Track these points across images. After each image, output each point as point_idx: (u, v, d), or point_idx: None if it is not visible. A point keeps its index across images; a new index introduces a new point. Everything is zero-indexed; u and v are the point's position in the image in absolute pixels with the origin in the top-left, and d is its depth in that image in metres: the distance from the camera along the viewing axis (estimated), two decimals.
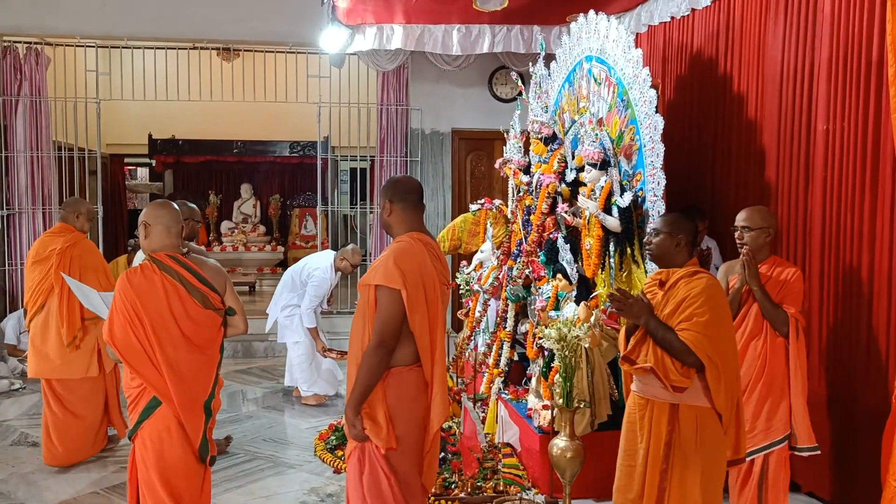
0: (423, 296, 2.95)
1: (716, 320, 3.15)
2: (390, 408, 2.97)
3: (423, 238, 3.09)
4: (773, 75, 4.73)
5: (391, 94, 8.91)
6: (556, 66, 5.82)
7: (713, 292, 3.20)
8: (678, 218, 3.41)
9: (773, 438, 3.77)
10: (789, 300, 3.77)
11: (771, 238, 3.87)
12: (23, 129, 8.42)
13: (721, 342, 3.16)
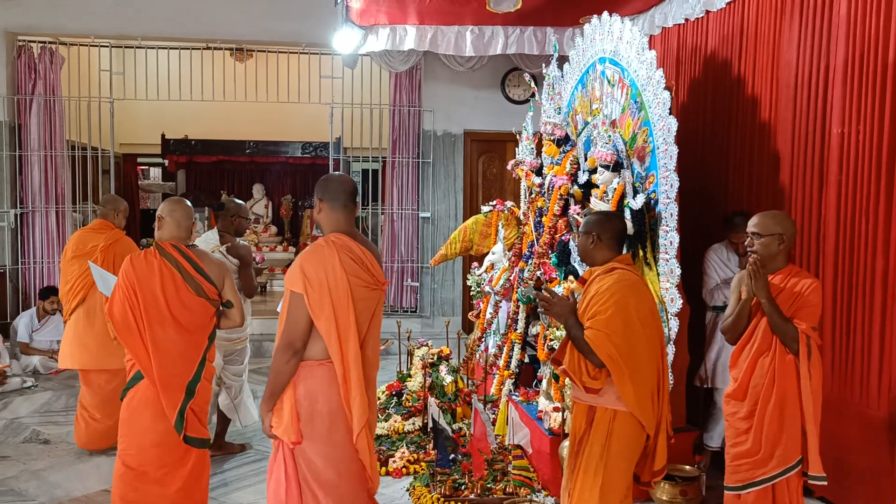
0: (329, 299, 2.93)
1: (621, 317, 3.05)
2: (298, 401, 2.98)
3: (341, 239, 3.05)
4: (787, 78, 4.70)
5: (403, 96, 8.92)
6: (569, 68, 5.81)
7: (622, 288, 3.10)
8: (597, 216, 3.36)
9: (787, 465, 3.44)
10: (802, 314, 3.43)
11: (786, 245, 3.51)
12: (37, 128, 8.48)
13: (628, 340, 3.05)
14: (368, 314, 3.05)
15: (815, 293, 3.44)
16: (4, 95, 8.32)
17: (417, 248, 9.07)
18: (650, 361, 3.14)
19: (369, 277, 3.05)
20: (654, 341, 3.19)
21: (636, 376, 3.07)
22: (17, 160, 8.44)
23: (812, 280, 3.47)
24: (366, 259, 3.05)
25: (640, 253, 4.55)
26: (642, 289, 3.24)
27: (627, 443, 3.17)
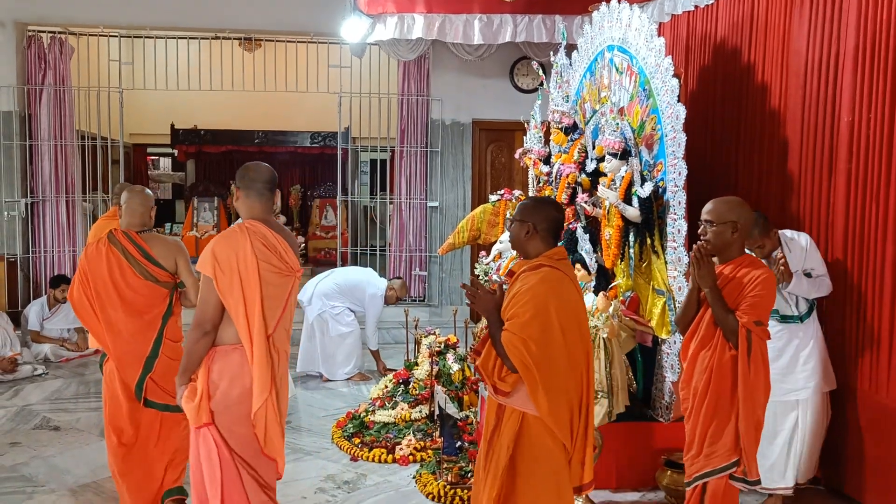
0: (238, 282, 3.00)
1: (540, 321, 2.80)
2: (211, 383, 3.05)
3: (255, 225, 3.12)
4: (797, 65, 4.67)
5: (412, 85, 8.90)
6: (577, 56, 5.78)
7: (545, 289, 2.83)
8: (532, 204, 3.07)
9: (715, 466, 3.23)
10: (745, 307, 3.19)
11: (740, 234, 3.29)
12: (47, 117, 8.51)
13: (545, 348, 2.79)
14: (281, 300, 3.12)
15: (762, 285, 3.20)
16: (15, 85, 8.35)
17: (426, 237, 9.07)
18: (568, 371, 2.86)
19: (281, 264, 3.11)
20: (577, 349, 2.89)
21: (551, 385, 2.80)
22: (27, 150, 8.48)
23: (762, 271, 3.24)
24: (279, 246, 3.11)
25: (647, 241, 4.54)
26: (567, 290, 2.91)
27: (542, 449, 2.89)
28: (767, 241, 4.21)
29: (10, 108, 8.36)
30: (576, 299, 2.94)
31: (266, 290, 3.04)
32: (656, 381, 4.57)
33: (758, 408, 3.26)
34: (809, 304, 4.21)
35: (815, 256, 4.20)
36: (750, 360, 3.20)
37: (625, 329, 4.33)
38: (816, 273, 4.17)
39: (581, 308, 2.96)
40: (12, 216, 8.36)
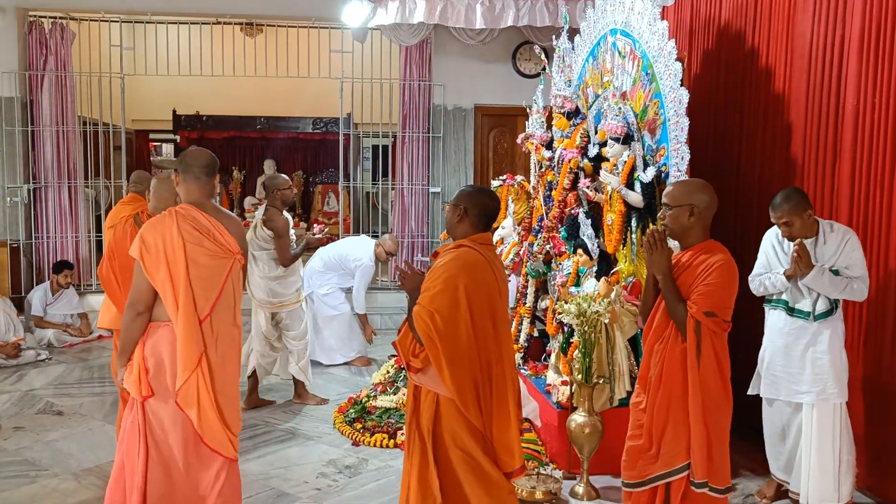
0: (165, 263, 3.12)
1: (448, 296, 2.83)
2: (146, 358, 3.15)
3: (186, 209, 3.23)
4: (801, 49, 4.63)
5: (413, 70, 8.86)
6: (580, 40, 5.75)
7: (458, 266, 2.88)
8: (468, 190, 3.13)
9: (673, 466, 3.07)
10: (696, 296, 3.00)
11: (698, 218, 3.08)
12: (48, 103, 8.49)
13: (451, 322, 2.82)
14: (215, 281, 3.20)
15: (717, 272, 2.99)
16: (16, 71, 8.33)
17: (428, 223, 9.06)
18: (473, 349, 2.86)
19: (214, 246, 3.20)
20: (486, 330, 2.90)
21: (453, 359, 2.83)
22: (29, 136, 8.47)
23: (719, 258, 3.03)
24: (213, 229, 3.21)
25: (649, 226, 4.52)
26: (481, 271, 2.94)
27: (457, 432, 2.90)
28: (797, 220, 3.78)
29: (11, 94, 8.34)
30: (489, 281, 2.95)
31: (194, 271, 3.14)
32: None
33: (714, 408, 3.02)
34: (831, 305, 3.80)
35: (853, 256, 3.77)
36: (700, 353, 3.00)
37: (627, 314, 4.33)
38: (849, 274, 3.75)
39: (494, 291, 2.97)
40: (15, 202, 8.36)
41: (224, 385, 3.21)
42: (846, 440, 3.83)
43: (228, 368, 3.26)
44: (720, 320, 3.01)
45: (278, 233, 5.43)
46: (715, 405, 3.03)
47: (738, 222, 5.27)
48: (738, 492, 4.25)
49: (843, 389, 3.82)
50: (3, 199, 8.35)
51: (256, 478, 4.39)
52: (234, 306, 3.30)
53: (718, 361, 3.04)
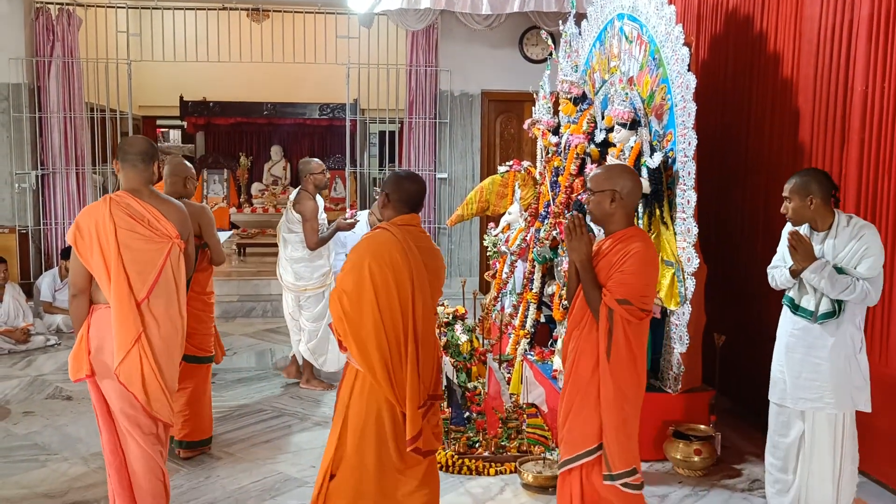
0: (99, 247, 3.25)
1: (354, 276, 2.99)
2: (90, 339, 3.32)
3: (120, 196, 3.36)
4: (810, 33, 4.59)
5: (420, 55, 8.83)
6: (587, 25, 5.72)
7: (366, 247, 3.05)
8: (392, 177, 3.24)
9: (572, 453, 3.06)
10: (611, 283, 2.94)
11: (619, 204, 3.01)
12: (56, 89, 8.50)
13: (357, 301, 2.97)
14: (152, 265, 3.33)
15: (632, 260, 2.93)
16: (23, 57, 8.34)
17: (434, 208, 9.06)
18: (379, 327, 2.98)
19: (148, 231, 3.33)
20: (392, 306, 3.00)
21: (359, 336, 2.98)
22: (37, 122, 8.49)
23: (637, 245, 2.95)
24: (147, 214, 3.35)
25: (656, 212, 4.51)
26: (390, 251, 3.03)
27: (370, 404, 3.03)
28: (795, 200, 3.49)
29: (19, 81, 8.36)
30: (397, 261, 3.01)
31: (127, 255, 3.27)
32: (665, 352, 4.57)
33: (623, 402, 2.98)
34: (833, 306, 3.45)
35: (864, 254, 3.39)
36: (611, 342, 2.95)
37: None
38: (858, 275, 3.38)
39: (403, 271, 3.01)
40: (23, 188, 8.40)
41: (170, 369, 3.39)
42: (849, 450, 3.54)
43: (175, 355, 3.44)
44: (635, 308, 2.93)
45: (306, 216, 5.53)
46: (627, 400, 2.99)
47: (745, 208, 5.26)
48: (743, 476, 4.27)
49: (845, 400, 3.48)
50: (12, 185, 8.39)
51: (264, 462, 4.42)
52: (177, 292, 3.42)
53: (631, 350, 2.97)
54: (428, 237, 3.23)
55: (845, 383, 3.47)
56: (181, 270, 3.44)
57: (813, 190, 3.45)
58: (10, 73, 8.33)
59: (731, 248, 5.40)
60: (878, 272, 3.38)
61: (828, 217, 3.48)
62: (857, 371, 3.50)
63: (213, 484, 4.11)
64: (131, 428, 3.30)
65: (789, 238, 3.45)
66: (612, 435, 2.97)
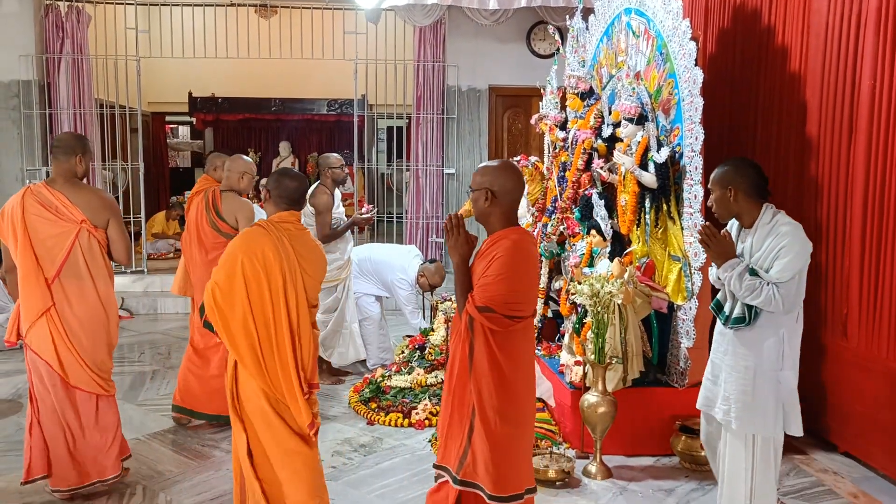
0: (12, 230, 3.73)
1: (226, 268, 3.15)
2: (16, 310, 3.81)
3: (36, 185, 3.82)
4: (818, 27, 4.58)
5: (428, 51, 8.84)
6: (594, 20, 5.72)
7: (238, 240, 3.21)
8: (274, 175, 3.38)
9: (447, 463, 2.86)
10: (476, 287, 2.76)
11: (493, 202, 2.81)
12: (66, 86, 8.56)
13: (227, 293, 3.14)
14: (60, 245, 3.74)
15: (496, 264, 2.71)
16: (33, 54, 8.40)
17: (442, 204, 9.08)
18: (248, 318, 3.10)
19: (53, 216, 3.74)
20: (263, 298, 3.13)
21: (230, 328, 3.13)
22: (47, 118, 8.55)
23: (503, 247, 2.74)
24: (55, 201, 3.76)
25: (663, 207, 4.52)
26: (262, 246, 3.14)
27: (249, 391, 3.19)
28: (716, 192, 3.28)
29: (29, 77, 8.42)
30: (268, 256, 3.14)
31: (34, 237, 3.72)
32: (671, 346, 4.58)
33: (495, 418, 2.74)
34: (744, 311, 3.19)
35: (779, 256, 3.11)
36: (472, 351, 2.75)
37: (640, 295, 4.33)
38: (768, 278, 3.11)
39: (273, 264, 3.14)
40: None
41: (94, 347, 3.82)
42: (761, 477, 3.24)
43: (98, 334, 3.84)
44: (498, 316, 2.70)
45: (318, 209, 5.59)
46: (495, 410, 2.74)
47: None
48: None
49: (750, 421, 3.20)
50: (23, 181, 8.44)
51: None
52: (91, 274, 3.80)
53: (496, 362, 2.74)
54: (305, 234, 3.35)
55: (753, 403, 3.19)
56: (94, 254, 3.81)
57: (733, 181, 3.22)
58: (20, 70, 8.39)
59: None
60: (789, 276, 3.07)
61: (753, 211, 3.23)
62: (770, 392, 3.17)
63: (222, 477, 4.15)
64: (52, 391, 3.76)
65: (700, 231, 3.24)
66: (486, 454, 2.74)
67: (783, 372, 3.19)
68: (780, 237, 3.12)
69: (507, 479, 2.78)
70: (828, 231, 4.51)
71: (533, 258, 2.86)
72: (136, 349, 6.87)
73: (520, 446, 2.83)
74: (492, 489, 2.75)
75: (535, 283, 2.96)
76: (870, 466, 4.27)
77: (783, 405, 3.20)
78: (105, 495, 3.91)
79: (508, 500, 2.77)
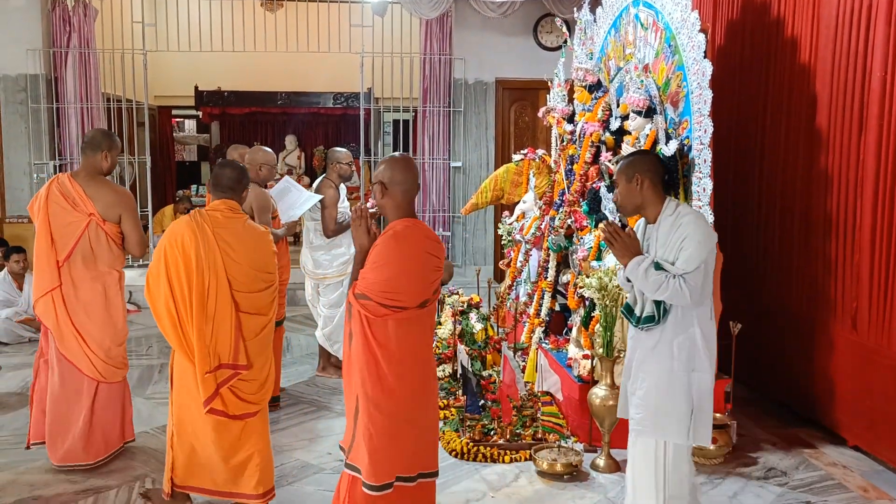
0: (38, 214, 4.00)
1: (155, 256, 3.42)
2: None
3: (63, 177, 4.10)
4: (828, 18, 4.55)
5: (434, 44, 8.82)
6: (602, 12, 5.68)
7: (167, 231, 3.44)
8: (217, 165, 3.61)
9: (345, 444, 2.98)
10: (360, 275, 2.90)
11: (387, 195, 2.93)
12: (72, 80, 8.57)
13: (154, 276, 3.40)
14: (71, 234, 4.01)
15: (374, 253, 2.85)
16: (40, 48, 8.41)
17: (449, 197, 9.07)
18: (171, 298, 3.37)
19: (69, 206, 4.01)
20: (181, 281, 3.36)
21: (156, 306, 3.42)
22: (54, 112, 8.56)
23: (385, 238, 2.86)
24: (73, 192, 4.04)
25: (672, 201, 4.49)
26: (182, 233, 3.38)
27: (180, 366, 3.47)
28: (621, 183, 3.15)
29: (36, 72, 8.43)
30: (187, 241, 3.36)
31: (53, 222, 4.01)
32: None
33: (369, 407, 2.85)
34: (654, 310, 3.05)
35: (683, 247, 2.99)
36: (352, 338, 2.88)
37: None
38: (675, 270, 2.97)
39: (190, 250, 3.36)
40: (41, 178, 8.47)
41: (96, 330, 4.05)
42: (673, 490, 3.06)
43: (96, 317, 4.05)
44: (373, 304, 2.80)
45: (323, 203, 5.56)
46: (368, 398, 2.85)
47: (762, 195, 5.23)
48: (759, 465, 4.26)
49: (661, 426, 3.04)
50: (30, 175, 8.47)
51: (281, 449, 4.46)
52: (95, 261, 4.04)
53: (371, 350, 2.84)
54: (235, 220, 3.50)
55: (664, 406, 3.03)
56: (101, 245, 4.05)
57: (641, 170, 3.08)
58: (27, 64, 8.40)
59: (747, 237, 5.38)
60: (695, 266, 2.95)
61: (657, 204, 3.10)
62: (682, 395, 3.01)
63: None
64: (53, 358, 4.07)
65: (602, 228, 3.11)
66: (364, 441, 2.85)
67: (696, 374, 3.02)
68: (682, 227, 3.00)
69: (382, 469, 2.86)
70: (838, 224, 4.49)
71: (418, 249, 2.89)
72: (143, 343, 6.89)
73: (399, 438, 2.89)
74: (365, 476, 2.87)
75: (420, 275, 2.90)
76: (879, 460, 4.26)
77: (697, 411, 3.01)
78: (115, 488, 3.92)
79: (379, 489, 2.86)
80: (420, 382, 2.95)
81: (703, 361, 3.03)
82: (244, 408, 3.46)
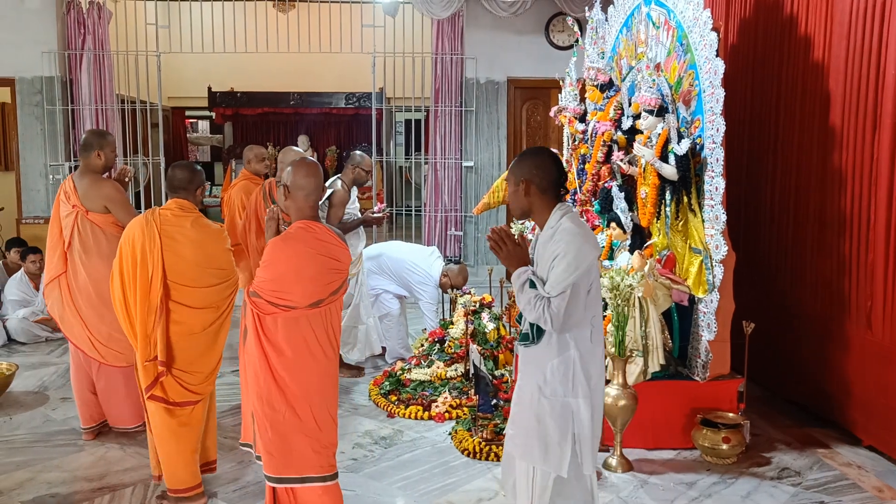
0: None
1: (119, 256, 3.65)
2: None
3: (69, 177, 4.49)
4: (841, 15, 4.52)
5: (446, 43, 8.83)
6: (613, 11, 5.68)
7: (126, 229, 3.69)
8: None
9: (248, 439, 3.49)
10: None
11: (290, 198, 3.12)
12: (87, 82, 8.63)
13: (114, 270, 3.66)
14: (68, 225, 4.40)
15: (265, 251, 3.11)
16: (55, 51, 8.48)
17: (461, 197, 9.07)
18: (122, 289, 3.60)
19: (65, 199, 4.41)
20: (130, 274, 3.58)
21: (114, 297, 3.66)
22: (69, 114, 8.63)
23: (276, 239, 3.11)
24: (69, 188, 4.43)
25: (684, 199, 4.49)
26: (133, 230, 3.62)
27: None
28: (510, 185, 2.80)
29: (51, 74, 8.50)
30: (135, 237, 3.58)
31: (59, 213, 4.45)
32: (692, 339, 4.56)
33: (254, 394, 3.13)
34: (528, 328, 2.73)
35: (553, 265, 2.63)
36: (246, 334, 3.14)
37: (661, 288, 4.32)
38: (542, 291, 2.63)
39: (136, 245, 3.57)
40: (57, 180, 8.55)
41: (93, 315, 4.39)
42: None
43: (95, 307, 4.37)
44: (262, 301, 3.04)
45: (332, 202, 5.54)
46: (255, 394, 3.11)
47: (774, 194, 5.21)
48: (772, 465, 4.25)
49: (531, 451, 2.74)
50: (46, 176, 8.55)
51: None
52: (90, 251, 4.38)
53: (260, 347, 3.05)
54: (183, 219, 3.66)
55: (533, 430, 2.74)
56: (87, 233, 4.39)
57: (529, 174, 2.74)
58: (42, 67, 8.48)
59: (760, 235, 5.36)
60: (559, 291, 2.59)
61: (545, 211, 2.75)
62: (554, 421, 2.70)
63: (244, 469, 4.19)
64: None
65: (489, 236, 2.78)
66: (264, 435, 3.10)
67: (574, 400, 2.70)
68: (556, 243, 2.64)
69: (278, 462, 3.09)
70: (852, 222, 4.47)
71: (308, 251, 3.04)
72: None
73: (294, 433, 3.07)
74: (265, 467, 3.12)
75: (310, 276, 3.04)
76: (894, 460, 4.24)
77: (573, 439, 2.70)
78: (131, 486, 3.96)
79: (278, 481, 3.12)
80: (317, 380, 3.11)
81: (581, 387, 2.70)
82: (186, 396, 3.66)
